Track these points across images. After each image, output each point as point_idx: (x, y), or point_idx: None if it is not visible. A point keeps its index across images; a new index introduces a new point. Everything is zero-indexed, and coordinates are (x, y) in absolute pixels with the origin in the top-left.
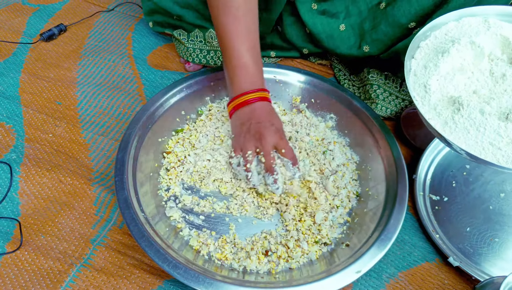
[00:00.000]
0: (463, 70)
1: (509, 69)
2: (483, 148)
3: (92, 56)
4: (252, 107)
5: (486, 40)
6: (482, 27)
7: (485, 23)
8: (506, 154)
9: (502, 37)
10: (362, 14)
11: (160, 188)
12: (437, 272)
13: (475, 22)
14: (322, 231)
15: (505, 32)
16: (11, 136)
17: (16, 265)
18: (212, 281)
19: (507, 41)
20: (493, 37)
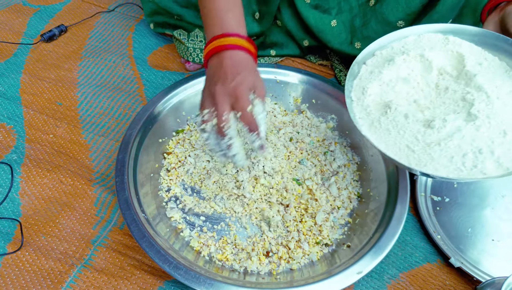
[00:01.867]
0: (408, 80)
1: (453, 84)
2: (399, 149)
3: (93, 56)
4: (219, 58)
5: (439, 55)
6: (440, 43)
7: (445, 40)
8: (418, 157)
9: (458, 54)
10: (353, 10)
11: (161, 188)
12: (439, 273)
13: (435, 38)
14: (323, 232)
15: (461, 50)
16: (12, 137)
17: (17, 265)
18: (213, 281)
19: (461, 58)
20: (449, 53)
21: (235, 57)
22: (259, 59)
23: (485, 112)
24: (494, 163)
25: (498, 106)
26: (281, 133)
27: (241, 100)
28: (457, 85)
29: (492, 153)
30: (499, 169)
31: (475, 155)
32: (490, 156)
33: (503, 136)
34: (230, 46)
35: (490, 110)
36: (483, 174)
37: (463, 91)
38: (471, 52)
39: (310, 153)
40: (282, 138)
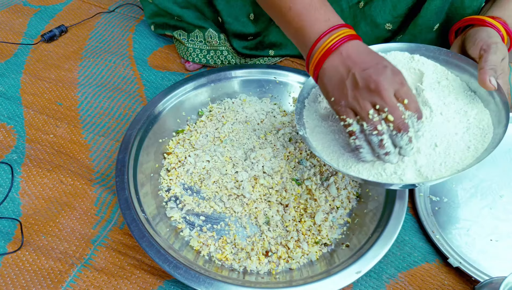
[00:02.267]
0: None
1: None
2: (332, 151)
3: (93, 57)
4: (343, 54)
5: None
6: (404, 61)
7: (410, 58)
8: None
9: (419, 72)
10: (344, 12)
11: (161, 188)
12: (437, 273)
13: (401, 56)
14: (322, 232)
15: (423, 68)
16: (12, 137)
17: (17, 265)
18: (213, 281)
19: (421, 75)
20: (411, 70)
21: (362, 46)
22: (258, 59)
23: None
24: (414, 172)
25: (437, 121)
26: (280, 133)
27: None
28: None
29: (415, 162)
30: (418, 177)
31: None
32: (412, 165)
33: (433, 148)
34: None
35: (428, 123)
36: (400, 180)
37: None
38: (434, 71)
39: (309, 153)
40: (282, 138)
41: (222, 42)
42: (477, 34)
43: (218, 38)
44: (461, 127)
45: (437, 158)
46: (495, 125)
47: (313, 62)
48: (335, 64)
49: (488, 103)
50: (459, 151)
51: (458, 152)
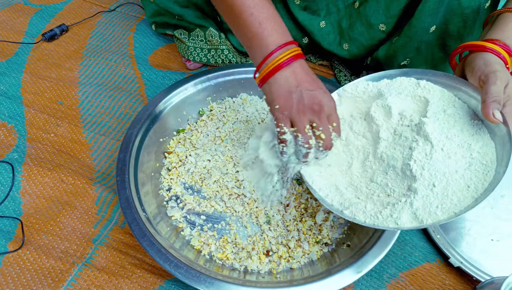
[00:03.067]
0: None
1: (407, 131)
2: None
3: (94, 56)
4: (293, 70)
5: (403, 100)
6: (410, 87)
7: (416, 84)
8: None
9: (425, 100)
10: (340, 12)
11: (162, 188)
12: (438, 273)
13: (407, 82)
14: (322, 232)
15: (429, 96)
16: (13, 136)
17: (18, 264)
18: (213, 280)
19: (427, 103)
20: (416, 98)
21: (306, 65)
22: None
23: (421, 163)
24: (410, 215)
25: (438, 158)
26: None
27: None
28: (410, 132)
29: (411, 204)
30: (414, 221)
31: (393, 205)
32: (408, 207)
33: (430, 189)
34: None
35: (427, 161)
36: (395, 224)
37: (413, 139)
38: (440, 97)
39: None
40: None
41: (223, 41)
42: (474, 62)
43: (218, 37)
44: (463, 163)
45: (434, 199)
46: (499, 162)
47: (266, 69)
48: (287, 76)
49: (494, 134)
50: (457, 191)
51: (457, 192)
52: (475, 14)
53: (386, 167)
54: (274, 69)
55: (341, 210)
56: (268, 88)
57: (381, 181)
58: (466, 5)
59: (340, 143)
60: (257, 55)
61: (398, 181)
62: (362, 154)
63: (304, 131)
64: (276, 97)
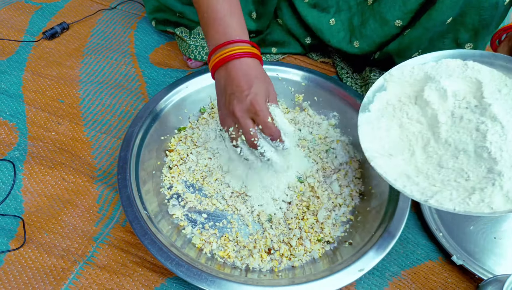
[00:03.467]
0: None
1: (468, 113)
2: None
3: (95, 54)
4: (227, 69)
5: (456, 82)
6: (458, 69)
7: (463, 66)
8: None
9: (476, 81)
10: (352, 9)
11: (163, 186)
12: (440, 271)
13: (454, 63)
14: (324, 230)
15: (480, 77)
16: (14, 134)
17: (19, 262)
18: (215, 278)
19: (479, 84)
20: (467, 80)
21: (244, 66)
22: None
23: (498, 144)
24: (503, 198)
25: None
26: None
27: (261, 114)
28: (472, 114)
29: (501, 187)
30: (508, 203)
31: (481, 190)
32: (499, 190)
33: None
34: (237, 54)
35: (503, 142)
36: (490, 208)
37: (478, 120)
38: (491, 78)
39: (312, 151)
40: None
41: None
42: None
43: None
44: None
45: None
46: None
47: (210, 65)
48: (221, 76)
49: None
50: None
51: None
52: (493, 9)
53: (454, 151)
54: (215, 64)
55: (424, 199)
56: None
57: (453, 166)
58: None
59: (395, 132)
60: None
61: (473, 164)
62: (421, 140)
63: (227, 131)
64: (218, 94)
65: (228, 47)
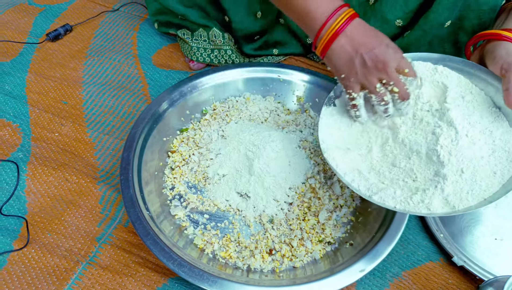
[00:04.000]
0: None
1: (428, 116)
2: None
3: (98, 56)
4: (349, 35)
5: (424, 86)
6: (428, 72)
7: (433, 69)
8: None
9: (443, 85)
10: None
11: (165, 187)
12: (441, 272)
13: (424, 66)
14: (325, 231)
15: (447, 81)
16: (18, 135)
17: (23, 262)
18: (217, 279)
19: (445, 89)
20: (434, 83)
21: (362, 25)
22: (262, 58)
23: (448, 148)
24: (442, 201)
25: (463, 144)
26: (284, 131)
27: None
28: (432, 117)
29: (442, 190)
30: (446, 207)
31: (423, 191)
32: (439, 193)
33: (459, 175)
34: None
35: (454, 147)
36: (428, 209)
37: (435, 124)
38: (457, 84)
39: (313, 152)
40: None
41: (226, 41)
42: (496, 51)
43: (222, 37)
44: (486, 150)
45: (464, 185)
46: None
47: (321, 43)
48: (343, 44)
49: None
50: (485, 177)
51: (485, 178)
52: (492, 12)
53: (408, 152)
54: (328, 41)
55: (369, 195)
56: (329, 61)
57: (404, 166)
58: (483, 2)
59: (356, 128)
60: (311, 32)
61: (423, 166)
62: (381, 138)
63: (376, 91)
64: (339, 68)
65: (336, 19)
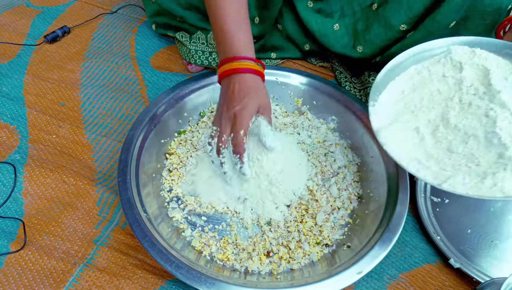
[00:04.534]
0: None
1: (477, 99)
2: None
3: (96, 58)
4: (229, 80)
5: (465, 70)
6: (466, 56)
7: (471, 53)
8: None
9: (484, 68)
10: (356, 14)
11: (163, 189)
12: (438, 274)
13: (462, 50)
14: (323, 233)
15: (487, 64)
16: (15, 137)
17: (19, 264)
18: (214, 281)
19: (487, 72)
20: (474, 66)
21: (243, 81)
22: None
23: (508, 130)
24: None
25: None
26: (282, 134)
27: (238, 124)
28: (481, 100)
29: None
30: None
31: (493, 174)
32: (510, 175)
33: None
34: (239, 69)
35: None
36: (502, 192)
37: (487, 107)
38: (497, 65)
39: (311, 154)
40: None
41: None
42: None
43: None
44: None
45: None
46: None
47: (218, 72)
48: (225, 84)
49: None
50: None
51: None
52: (496, 14)
53: (464, 136)
54: (221, 74)
55: (438, 183)
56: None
57: (463, 151)
58: (488, 3)
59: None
60: (220, 55)
61: (483, 149)
62: (431, 125)
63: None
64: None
65: (234, 62)
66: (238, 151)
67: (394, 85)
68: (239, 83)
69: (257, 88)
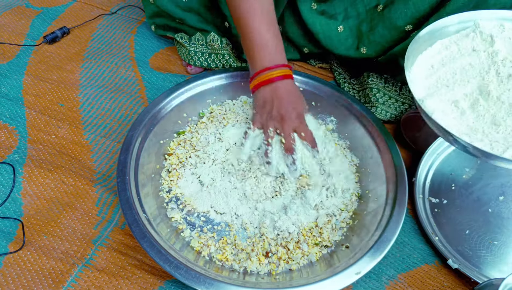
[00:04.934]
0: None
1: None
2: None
3: (95, 58)
4: (274, 86)
5: (497, 43)
6: (495, 30)
7: (500, 27)
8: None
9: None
10: (360, 16)
11: (162, 189)
12: (436, 274)
13: (491, 25)
14: (323, 234)
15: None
16: (14, 138)
17: (18, 265)
18: (213, 281)
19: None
20: (506, 40)
21: (286, 86)
22: None
23: None
24: None
25: None
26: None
27: (304, 124)
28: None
29: None
30: None
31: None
32: None
33: None
34: (281, 76)
35: None
36: None
37: None
38: None
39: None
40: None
41: (224, 46)
42: None
43: (220, 42)
44: None
45: None
46: None
47: (254, 82)
48: (266, 91)
49: None
50: None
51: None
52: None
53: (508, 108)
54: (259, 84)
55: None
56: (254, 96)
57: (511, 122)
58: (493, 2)
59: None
60: (251, 68)
61: None
62: (468, 99)
63: (267, 131)
64: (255, 104)
65: (274, 70)
66: (290, 151)
67: (422, 60)
68: (285, 88)
69: (298, 90)
